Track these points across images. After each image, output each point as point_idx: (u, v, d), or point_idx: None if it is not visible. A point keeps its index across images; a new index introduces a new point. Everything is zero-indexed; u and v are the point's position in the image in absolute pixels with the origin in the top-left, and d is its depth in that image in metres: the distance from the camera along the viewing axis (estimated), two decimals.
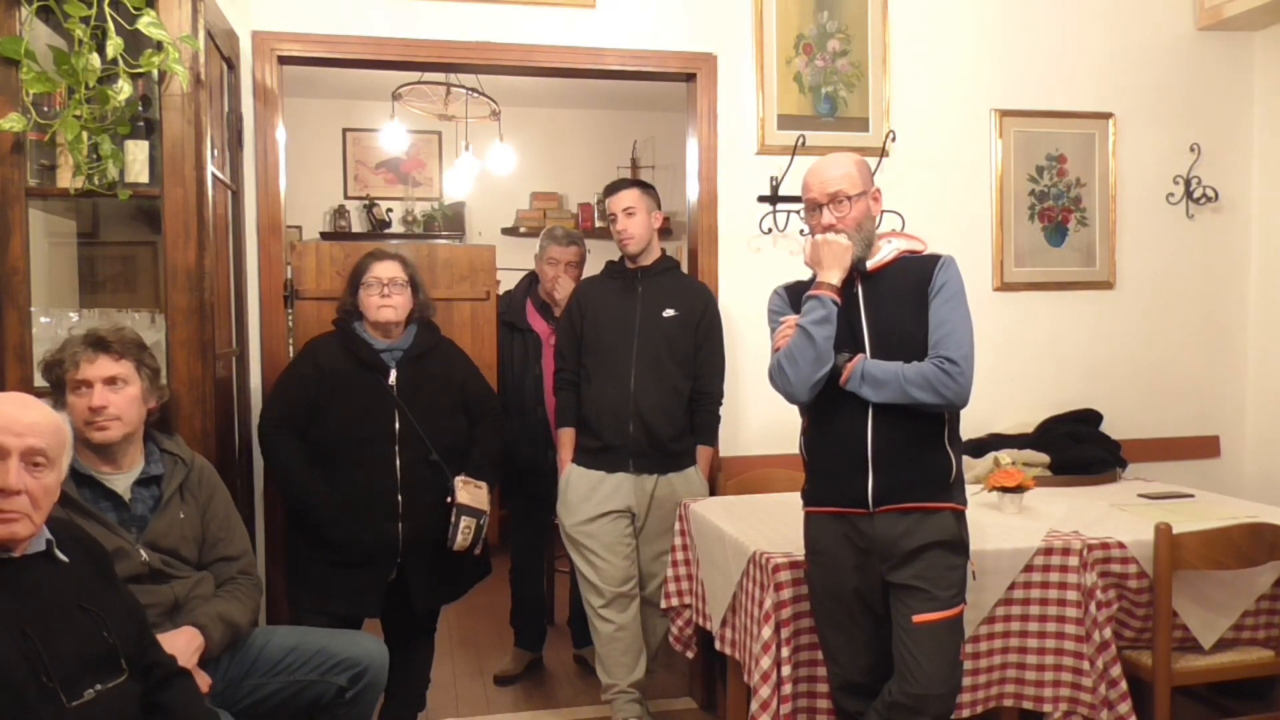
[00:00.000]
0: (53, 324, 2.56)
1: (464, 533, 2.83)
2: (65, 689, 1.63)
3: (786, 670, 2.40)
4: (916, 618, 2.15)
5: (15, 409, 1.71)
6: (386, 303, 2.83)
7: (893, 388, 2.13)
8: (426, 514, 2.83)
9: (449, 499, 2.84)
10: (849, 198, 2.22)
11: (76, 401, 2.12)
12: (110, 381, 2.16)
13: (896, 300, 2.22)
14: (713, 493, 3.30)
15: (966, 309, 2.20)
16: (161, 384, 2.30)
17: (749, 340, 3.46)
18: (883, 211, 2.47)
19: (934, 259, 2.25)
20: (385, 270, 2.86)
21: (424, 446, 2.84)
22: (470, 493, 2.86)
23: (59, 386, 2.16)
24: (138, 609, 1.89)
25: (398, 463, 2.81)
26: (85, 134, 2.37)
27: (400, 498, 2.81)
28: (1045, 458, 3.45)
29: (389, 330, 2.87)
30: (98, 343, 2.18)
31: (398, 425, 2.82)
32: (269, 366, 3.22)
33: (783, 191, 3.52)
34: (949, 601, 2.17)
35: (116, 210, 2.78)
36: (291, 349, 3.25)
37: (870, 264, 2.25)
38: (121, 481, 2.21)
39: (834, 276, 2.19)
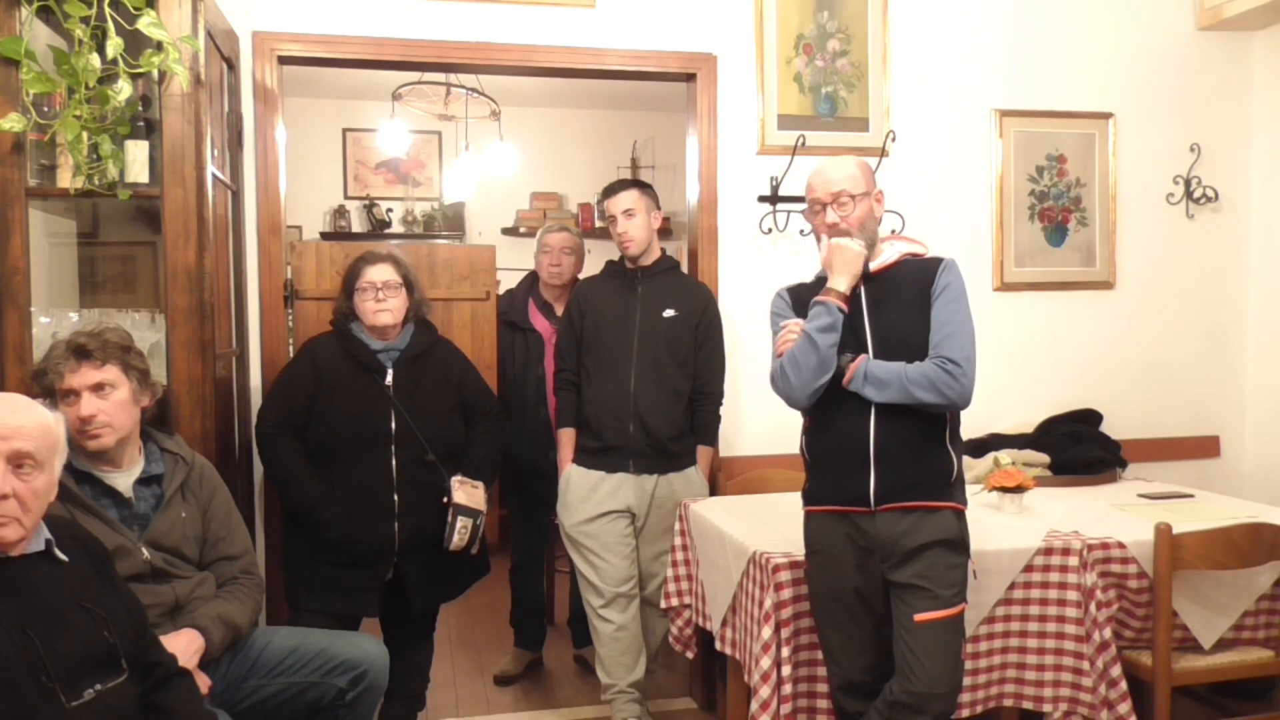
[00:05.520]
0: (53, 324, 2.55)
1: (460, 533, 2.83)
2: (65, 689, 1.62)
3: (786, 670, 2.40)
4: (918, 616, 2.15)
5: (2, 411, 1.70)
6: (382, 307, 2.83)
7: (895, 388, 2.14)
8: (423, 514, 2.83)
9: (445, 499, 2.84)
10: (852, 197, 2.23)
11: (67, 410, 2.09)
12: (97, 388, 2.15)
13: (899, 302, 2.23)
14: (713, 493, 3.30)
15: (968, 311, 2.21)
16: (152, 381, 2.28)
17: (749, 340, 3.46)
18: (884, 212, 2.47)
19: (936, 261, 2.26)
20: (378, 274, 2.85)
21: (420, 447, 2.84)
22: (467, 493, 2.86)
23: (50, 394, 2.15)
24: (138, 608, 1.89)
25: (394, 463, 2.81)
26: (85, 134, 2.37)
27: (396, 497, 2.81)
28: (1045, 458, 3.44)
29: (386, 333, 2.87)
30: (79, 350, 2.15)
31: (394, 425, 2.82)
32: (269, 366, 3.21)
33: (783, 192, 3.52)
34: (950, 600, 2.17)
35: (116, 210, 2.78)
36: (291, 349, 3.25)
37: (873, 266, 2.26)
38: (122, 480, 2.21)
39: (842, 283, 2.20)
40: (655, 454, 3.11)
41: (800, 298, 2.34)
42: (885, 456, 2.18)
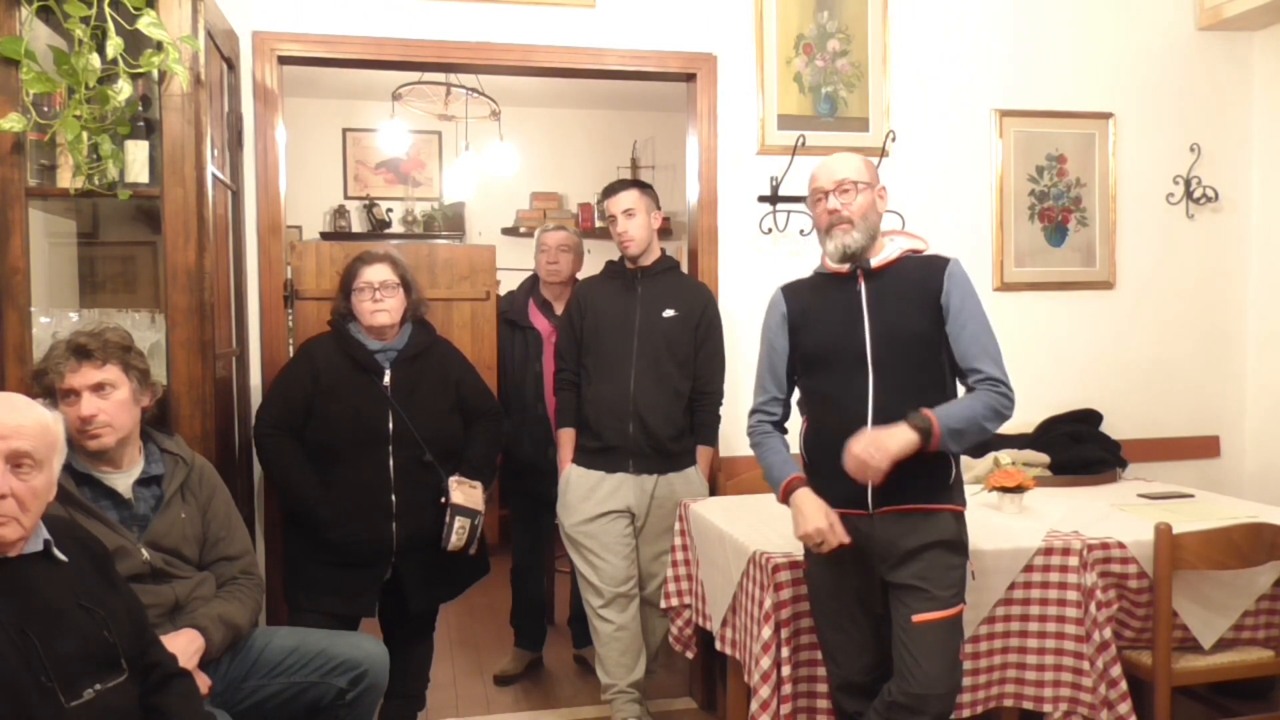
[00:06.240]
0: (52, 324, 2.55)
1: (458, 533, 2.83)
2: (64, 689, 1.62)
3: (786, 670, 2.40)
4: (916, 617, 2.15)
5: (0, 411, 1.69)
6: (380, 307, 2.83)
7: (973, 433, 2.15)
8: (421, 514, 2.83)
9: (443, 499, 2.84)
10: (854, 184, 2.23)
11: (67, 410, 2.10)
12: (97, 388, 2.14)
13: (900, 300, 2.22)
14: (713, 493, 3.30)
15: (985, 316, 2.23)
16: (152, 381, 2.28)
17: (749, 340, 3.43)
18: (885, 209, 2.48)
19: (939, 262, 2.25)
20: (375, 274, 2.85)
21: (418, 447, 2.83)
22: (465, 493, 2.86)
23: (50, 394, 2.15)
24: (138, 608, 1.89)
25: (391, 463, 2.81)
26: (85, 134, 2.37)
27: (394, 498, 2.81)
28: (1045, 458, 3.44)
29: (384, 333, 2.87)
30: (79, 350, 2.15)
31: (392, 426, 2.82)
32: (269, 366, 3.21)
33: (783, 191, 3.52)
34: (948, 601, 2.17)
35: (116, 210, 2.78)
36: (291, 349, 3.25)
37: (874, 262, 2.26)
38: (121, 480, 2.21)
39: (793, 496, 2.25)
40: (655, 454, 3.11)
41: (796, 296, 2.34)
42: None
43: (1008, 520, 2.82)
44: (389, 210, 6.58)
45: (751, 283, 3.51)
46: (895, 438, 2.08)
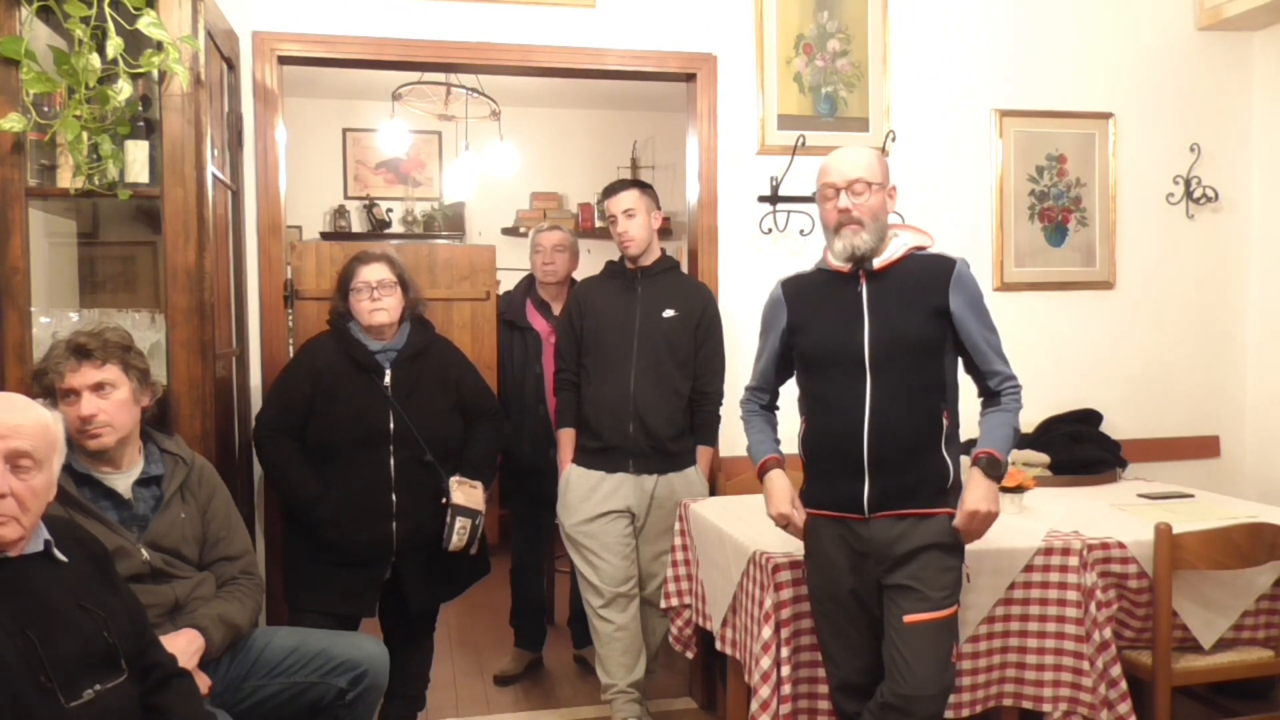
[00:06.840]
0: (52, 324, 2.55)
1: (459, 533, 2.83)
2: (64, 689, 1.62)
3: (786, 670, 2.40)
4: (907, 618, 2.14)
5: (0, 410, 1.70)
6: (378, 306, 2.83)
7: (1015, 438, 2.25)
8: (421, 514, 2.83)
9: (443, 500, 2.84)
10: (868, 185, 2.20)
11: (67, 410, 2.10)
12: (97, 388, 2.15)
13: (901, 302, 2.21)
14: (712, 493, 3.30)
15: (989, 313, 2.26)
16: (152, 381, 2.28)
17: (749, 340, 3.42)
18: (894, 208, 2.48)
19: (945, 264, 2.23)
20: (373, 274, 2.85)
21: (418, 447, 2.83)
22: (465, 493, 2.86)
23: (50, 394, 2.15)
24: (138, 608, 1.89)
25: (391, 463, 2.81)
26: (85, 134, 2.37)
27: (394, 498, 2.81)
28: (1045, 458, 3.44)
29: (382, 332, 2.87)
30: (79, 350, 2.16)
31: (392, 425, 2.82)
32: (269, 366, 3.21)
33: (783, 191, 3.52)
34: (941, 602, 2.16)
35: (116, 210, 2.78)
36: (291, 349, 3.25)
37: (878, 263, 2.24)
38: (121, 481, 2.21)
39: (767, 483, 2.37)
40: (655, 454, 3.11)
41: (799, 293, 2.34)
42: (879, 464, 2.17)
43: (1008, 520, 2.82)
44: (389, 210, 6.58)
45: (751, 283, 3.51)
46: (990, 498, 2.16)
